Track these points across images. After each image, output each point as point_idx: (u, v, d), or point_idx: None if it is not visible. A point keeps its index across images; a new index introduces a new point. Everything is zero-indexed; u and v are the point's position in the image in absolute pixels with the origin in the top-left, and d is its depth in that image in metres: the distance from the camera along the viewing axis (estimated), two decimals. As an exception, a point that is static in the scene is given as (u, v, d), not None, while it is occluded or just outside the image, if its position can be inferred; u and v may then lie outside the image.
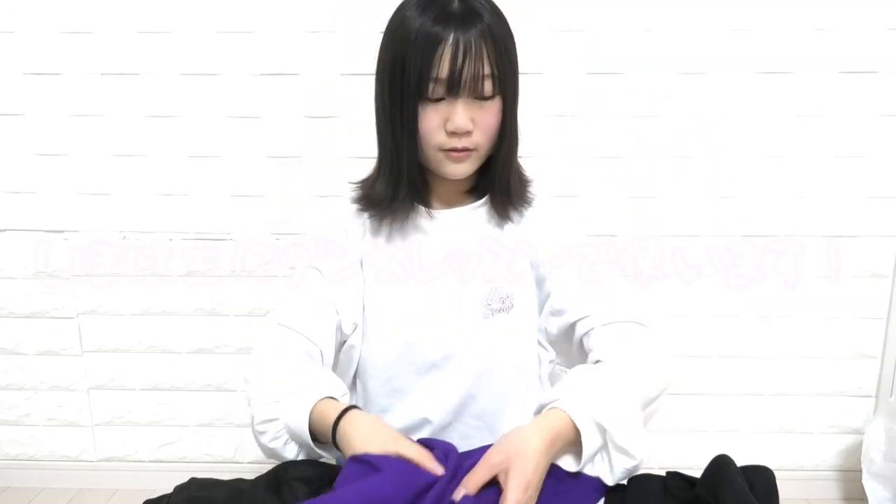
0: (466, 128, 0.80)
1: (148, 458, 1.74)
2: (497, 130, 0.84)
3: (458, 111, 0.80)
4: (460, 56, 0.77)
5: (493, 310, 0.88)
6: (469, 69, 0.77)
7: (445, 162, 0.84)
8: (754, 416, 1.67)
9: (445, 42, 0.77)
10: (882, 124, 1.51)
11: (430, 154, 0.84)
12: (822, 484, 1.70)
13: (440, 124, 0.81)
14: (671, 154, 1.54)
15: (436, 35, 0.77)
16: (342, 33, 1.49)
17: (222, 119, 1.54)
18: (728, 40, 1.48)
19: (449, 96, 0.79)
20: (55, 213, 1.60)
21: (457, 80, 0.78)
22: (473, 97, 0.80)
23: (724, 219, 1.56)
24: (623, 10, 1.47)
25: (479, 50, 0.77)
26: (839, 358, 1.64)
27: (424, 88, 0.79)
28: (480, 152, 0.85)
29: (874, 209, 1.55)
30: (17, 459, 1.76)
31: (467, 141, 0.82)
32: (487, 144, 0.84)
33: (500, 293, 0.89)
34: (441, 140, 0.82)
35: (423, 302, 0.89)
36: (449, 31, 0.77)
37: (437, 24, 0.77)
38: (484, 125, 0.82)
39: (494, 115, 0.83)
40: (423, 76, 0.78)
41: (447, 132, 0.81)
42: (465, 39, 0.77)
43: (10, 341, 1.68)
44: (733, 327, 1.62)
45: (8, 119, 1.55)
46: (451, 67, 0.77)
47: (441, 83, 0.78)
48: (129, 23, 1.49)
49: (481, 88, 0.79)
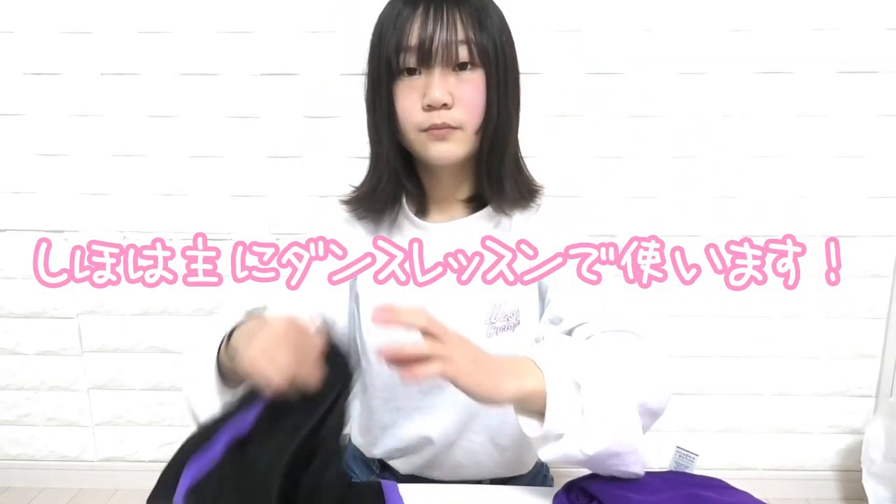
0: (443, 100, 0.75)
1: (148, 458, 1.74)
2: (482, 108, 0.78)
3: (432, 83, 0.75)
4: (430, 22, 0.74)
5: (496, 328, 0.84)
6: (441, 35, 0.74)
7: (427, 143, 0.78)
8: (754, 416, 1.67)
9: (416, 12, 0.75)
10: (882, 124, 1.51)
11: (412, 137, 0.79)
12: (822, 484, 1.70)
13: (417, 101, 0.77)
14: (671, 154, 1.54)
15: (407, 9, 0.76)
16: (342, 33, 1.49)
17: (222, 119, 1.54)
18: (728, 40, 1.48)
19: (422, 67, 0.76)
20: (55, 213, 1.60)
21: (427, 47, 0.74)
22: (450, 68, 0.76)
23: (724, 219, 1.56)
24: (623, 10, 1.47)
25: (451, 16, 0.75)
26: (839, 358, 1.64)
27: (397, 60, 0.76)
28: (465, 132, 0.79)
29: (874, 209, 1.55)
30: (17, 459, 1.76)
31: (447, 117, 0.76)
32: (472, 122, 0.78)
33: (505, 311, 0.84)
34: (419, 119, 0.77)
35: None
36: (419, 6, 0.76)
37: (409, 3, 0.76)
38: (464, 98, 0.77)
39: (476, 88, 0.77)
40: (396, 48, 0.76)
41: (424, 108, 0.76)
42: (436, 7, 0.75)
43: (10, 341, 1.68)
44: (733, 327, 1.62)
45: (8, 119, 1.55)
46: (420, 34, 0.75)
47: (412, 51, 0.75)
48: (129, 23, 1.49)
49: (455, 55, 0.75)
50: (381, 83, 0.79)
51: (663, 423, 1.66)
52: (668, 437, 1.70)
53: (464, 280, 0.85)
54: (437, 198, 0.87)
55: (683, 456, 0.81)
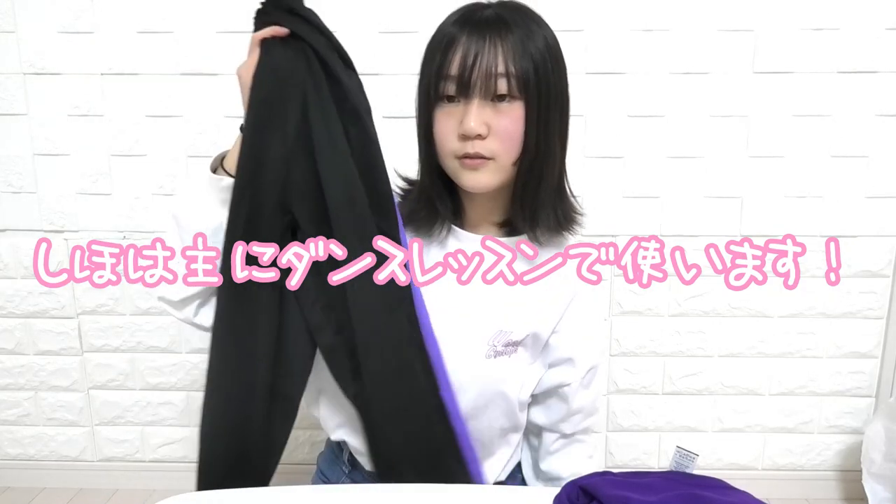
0: (476, 130, 0.76)
1: (148, 458, 1.74)
2: (519, 140, 0.78)
3: (469, 112, 0.76)
4: (472, 52, 0.75)
5: (496, 352, 0.85)
6: (481, 65, 0.75)
7: (461, 171, 0.80)
8: (754, 416, 1.67)
9: (460, 38, 0.76)
10: (882, 124, 1.51)
11: (448, 163, 0.81)
12: (822, 484, 1.70)
13: (454, 128, 0.78)
14: (671, 154, 1.54)
15: (452, 35, 0.77)
16: (342, 33, 1.48)
17: (224, 119, 1.54)
18: (728, 40, 1.48)
19: (461, 97, 0.77)
20: (55, 213, 1.60)
21: (467, 77, 0.75)
22: (488, 98, 0.77)
23: (724, 219, 1.56)
24: (623, 10, 1.47)
25: (494, 46, 0.75)
26: (839, 358, 1.64)
27: (438, 87, 0.77)
28: (499, 163, 0.79)
29: (874, 209, 1.55)
30: (17, 459, 1.76)
31: (481, 147, 0.77)
32: (507, 154, 0.79)
33: (508, 339, 0.85)
34: (455, 146, 0.79)
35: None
36: (465, 31, 0.76)
37: (456, 26, 0.77)
38: (500, 130, 0.77)
39: (513, 120, 0.77)
40: (437, 75, 0.77)
41: (459, 136, 0.78)
42: (480, 37, 0.75)
43: (10, 341, 1.68)
44: (733, 327, 1.62)
45: (8, 119, 1.55)
46: (461, 64, 0.75)
47: (452, 80, 0.76)
48: (129, 23, 1.49)
49: (494, 88, 0.75)
50: (423, 107, 0.81)
51: (663, 423, 1.67)
52: (668, 437, 1.70)
53: (463, 280, 0.86)
54: (472, 219, 0.89)
55: (683, 456, 0.81)
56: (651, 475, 0.70)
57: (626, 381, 1.66)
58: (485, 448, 0.89)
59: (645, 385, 1.66)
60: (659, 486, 0.67)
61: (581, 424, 0.91)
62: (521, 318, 0.86)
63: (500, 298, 0.86)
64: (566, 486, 0.69)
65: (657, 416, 1.68)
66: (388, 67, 1.50)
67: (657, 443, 1.70)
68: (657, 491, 0.65)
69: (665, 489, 0.66)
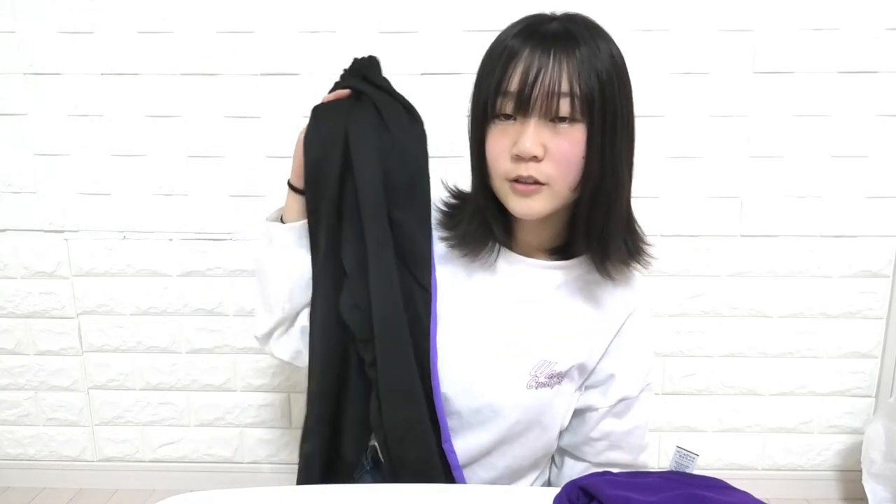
0: (532, 152, 0.70)
1: (148, 458, 1.74)
2: (578, 165, 0.73)
3: (526, 132, 0.70)
4: (534, 68, 0.69)
5: (539, 383, 0.81)
6: (542, 83, 0.69)
7: (511, 195, 0.75)
8: (754, 416, 1.67)
9: (522, 55, 0.70)
10: (882, 124, 1.51)
11: (498, 185, 0.76)
12: (822, 484, 1.70)
13: (507, 148, 0.73)
14: (671, 154, 1.54)
15: (513, 48, 0.71)
16: (342, 33, 1.49)
17: (222, 119, 1.54)
18: (728, 40, 1.48)
19: (519, 115, 0.71)
20: (55, 213, 1.60)
21: (527, 95, 0.69)
22: (548, 119, 0.71)
23: (724, 219, 1.56)
24: (623, 10, 1.47)
25: (558, 63, 0.69)
26: (839, 358, 1.64)
27: (494, 103, 0.72)
28: (554, 189, 0.73)
29: (874, 209, 1.55)
30: (17, 459, 1.76)
31: (535, 170, 0.72)
32: (563, 180, 0.73)
33: (552, 370, 0.81)
34: (507, 167, 0.73)
35: (470, 355, 0.82)
36: (528, 44, 0.70)
37: (519, 38, 0.72)
38: (557, 153, 0.71)
39: (573, 144, 0.72)
40: (495, 90, 0.72)
41: (512, 156, 0.72)
42: (544, 52, 0.70)
43: (10, 341, 1.68)
44: (733, 327, 1.62)
45: (8, 119, 1.55)
46: (521, 80, 0.70)
47: (510, 97, 0.71)
48: (129, 23, 1.49)
49: (556, 108, 0.70)
50: (477, 122, 0.76)
51: (663, 423, 1.67)
52: (668, 437, 1.70)
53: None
54: (522, 242, 0.85)
55: (683, 456, 0.81)
56: (651, 475, 0.70)
57: (626, 381, 1.66)
58: (512, 473, 0.87)
59: (645, 385, 1.66)
60: (659, 486, 0.67)
61: (605, 455, 0.86)
62: (568, 349, 0.82)
63: (548, 327, 0.82)
64: (566, 486, 0.69)
65: (657, 416, 1.68)
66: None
67: (657, 443, 1.70)
68: (657, 491, 0.65)
69: (665, 489, 0.66)
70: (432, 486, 0.81)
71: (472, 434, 0.84)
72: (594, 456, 0.86)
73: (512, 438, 0.83)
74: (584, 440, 0.86)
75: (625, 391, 0.84)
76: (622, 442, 0.85)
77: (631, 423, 0.85)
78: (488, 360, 0.82)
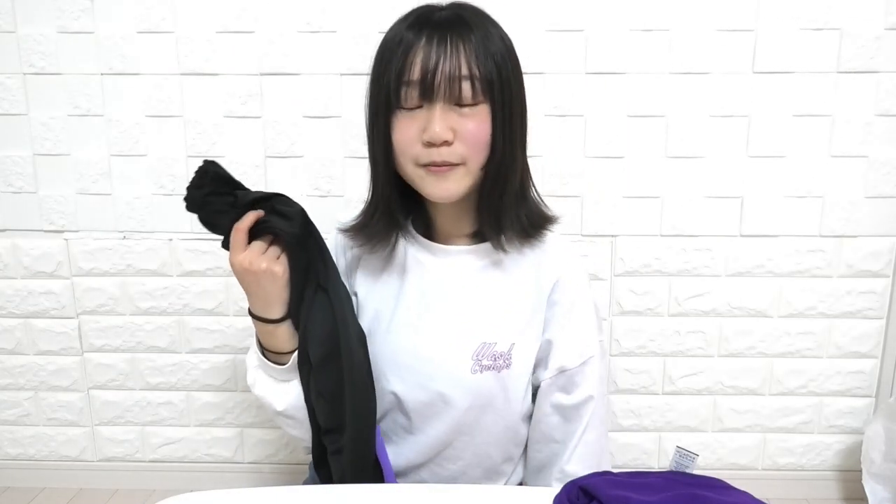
0: (443, 136, 0.73)
1: (148, 458, 1.74)
2: (487, 143, 0.76)
3: (433, 118, 0.73)
4: (433, 56, 0.72)
5: (482, 366, 0.82)
6: (443, 69, 0.71)
7: (427, 179, 0.77)
8: (754, 416, 1.67)
9: (419, 44, 0.73)
10: (882, 124, 1.51)
11: (410, 171, 0.78)
12: (822, 484, 1.70)
13: (416, 135, 0.74)
14: (671, 154, 1.54)
15: (409, 39, 0.73)
16: (342, 33, 1.49)
17: (222, 119, 1.54)
18: (728, 40, 1.48)
19: (424, 102, 0.73)
20: (55, 213, 1.60)
21: (430, 82, 0.72)
22: (453, 103, 0.74)
23: (724, 219, 1.56)
24: (623, 10, 1.47)
25: (455, 48, 0.72)
26: (839, 358, 1.64)
27: (398, 94, 0.74)
28: (468, 167, 0.77)
29: (874, 209, 1.55)
30: (17, 459, 1.76)
31: (448, 153, 0.74)
32: (475, 158, 0.76)
33: (494, 350, 0.82)
34: (418, 152, 0.75)
35: (413, 349, 0.84)
36: (423, 34, 0.73)
37: (413, 28, 0.74)
38: (467, 134, 0.74)
39: (480, 123, 0.75)
40: (397, 82, 0.73)
41: (423, 143, 0.74)
42: (440, 39, 0.72)
43: (10, 341, 1.68)
44: (733, 327, 1.62)
45: (8, 119, 1.55)
46: (423, 68, 0.72)
47: (414, 86, 0.73)
48: (130, 23, 1.49)
49: (458, 91, 0.73)
50: (380, 113, 0.77)
51: (663, 423, 1.67)
52: (668, 437, 1.70)
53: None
54: (443, 231, 0.86)
55: (683, 456, 0.81)
56: (651, 475, 0.70)
57: (626, 381, 1.66)
58: (481, 462, 0.87)
59: (645, 385, 1.66)
60: (659, 486, 0.67)
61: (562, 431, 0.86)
62: (503, 327, 0.83)
63: (480, 309, 0.83)
64: (566, 486, 0.69)
65: (657, 416, 1.68)
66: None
67: (657, 443, 1.70)
68: (657, 491, 0.65)
69: (665, 489, 0.66)
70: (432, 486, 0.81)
71: (430, 427, 0.84)
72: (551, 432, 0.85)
73: (469, 426, 0.84)
74: (538, 418, 0.86)
75: (562, 361, 0.83)
76: (573, 415, 0.84)
77: (580, 395, 0.84)
78: (431, 352, 0.83)
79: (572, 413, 0.84)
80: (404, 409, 0.85)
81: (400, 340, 0.84)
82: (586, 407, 0.84)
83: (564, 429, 0.85)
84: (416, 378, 0.83)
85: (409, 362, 0.84)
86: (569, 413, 0.84)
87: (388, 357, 0.84)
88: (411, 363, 0.84)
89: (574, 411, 0.84)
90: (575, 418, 0.84)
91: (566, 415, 0.84)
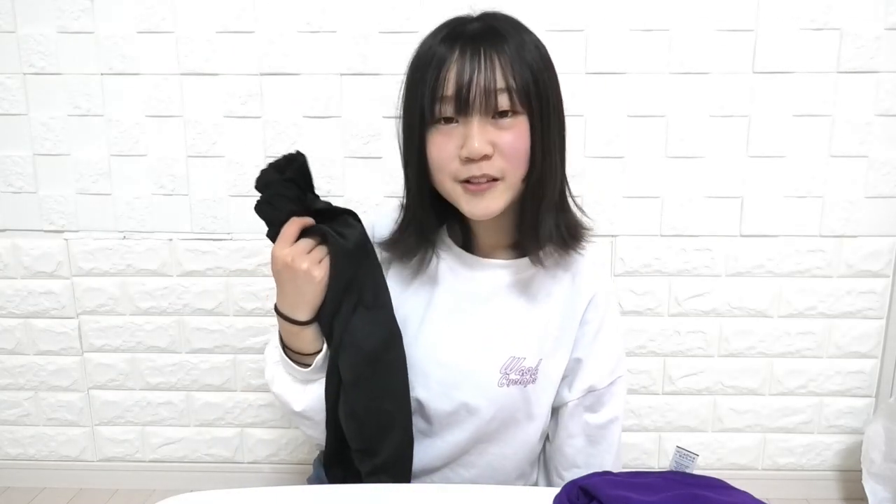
0: (482, 151, 0.71)
1: (148, 458, 1.74)
2: (526, 155, 0.74)
3: (471, 133, 0.71)
4: (467, 69, 0.70)
5: (509, 380, 0.81)
6: (478, 82, 0.70)
7: (465, 196, 0.75)
8: (754, 416, 1.67)
9: (452, 58, 0.71)
10: (882, 124, 1.51)
11: (448, 188, 0.76)
12: (822, 484, 1.70)
13: (454, 151, 0.73)
14: (671, 154, 1.54)
15: (442, 53, 0.72)
16: (342, 33, 1.49)
17: (222, 119, 1.54)
18: (728, 40, 1.48)
19: (460, 116, 0.72)
20: (55, 213, 1.60)
21: (465, 96, 0.70)
22: (489, 116, 0.72)
23: (724, 219, 1.56)
24: (623, 10, 1.47)
25: (490, 59, 0.70)
26: (839, 358, 1.64)
27: (432, 110, 0.72)
28: (508, 182, 0.74)
29: (874, 209, 1.55)
30: (17, 459, 1.76)
31: (488, 167, 0.72)
32: (515, 172, 0.74)
33: (522, 365, 0.81)
34: (456, 169, 0.73)
35: (441, 359, 0.83)
36: (456, 47, 0.71)
37: (446, 42, 0.73)
38: (506, 147, 0.72)
39: (519, 136, 0.73)
40: (431, 97, 0.72)
41: (462, 159, 0.72)
42: (473, 52, 0.70)
43: (10, 341, 1.68)
44: (733, 327, 1.62)
45: (8, 119, 1.55)
46: (457, 82, 0.70)
47: (449, 101, 0.71)
48: (130, 23, 1.49)
49: (495, 103, 0.71)
50: (415, 130, 0.75)
51: (663, 423, 1.67)
52: (668, 437, 1.70)
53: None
54: (483, 244, 0.85)
55: (683, 456, 0.81)
56: (651, 475, 0.70)
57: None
58: (494, 471, 0.86)
59: (645, 385, 1.66)
60: (659, 486, 0.67)
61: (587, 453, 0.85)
62: (534, 343, 0.82)
63: (512, 324, 0.83)
64: (566, 486, 0.69)
65: (657, 416, 1.68)
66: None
67: (657, 443, 1.70)
68: (657, 491, 0.65)
69: (665, 489, 0.66)
70: (432, 486, 0.81)
71: (449, 434, 0.84)
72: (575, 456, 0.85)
73: (489, 436, 0.83)
74: (563, 440, 0.85)
75: (592, 380, 0.83)
76: (599, 436, 0.84)
77: (606, 415, 0.84)
78: (459, 362, 0.82)
79: (597, 434, 0.84)
80: (426, 415, 0.84)
81: (428, 349, 0.83)
82: (611, 428, 0.84)
83: (587, 452, 0.85)
84: (442, 387, 0.82)
85: (435, 371, 0.83)
86: (594, 434, 0.84)
87: (413, 364, 0.83)
88: (438, 372, 0.82)
89: (599, 431, 0.84)
90: (599, 439, 0.84)
91: (592, 435, 0.84)
